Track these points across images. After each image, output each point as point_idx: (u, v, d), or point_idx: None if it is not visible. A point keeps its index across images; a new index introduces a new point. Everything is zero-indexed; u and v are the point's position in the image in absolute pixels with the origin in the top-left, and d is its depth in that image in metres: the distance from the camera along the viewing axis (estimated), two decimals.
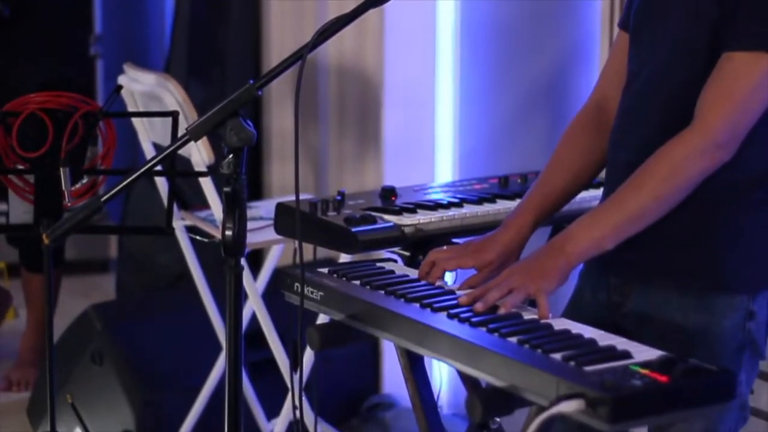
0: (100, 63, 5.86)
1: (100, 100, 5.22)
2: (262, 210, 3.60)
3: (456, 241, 2.52)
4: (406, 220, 2.53)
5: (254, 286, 3.49)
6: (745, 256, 2.22)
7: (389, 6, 2.35)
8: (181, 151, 2.81)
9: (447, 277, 2.35)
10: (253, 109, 4.71)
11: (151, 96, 3.47)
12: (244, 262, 2.20)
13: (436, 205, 2.63)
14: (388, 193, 2.70)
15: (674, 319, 2.23)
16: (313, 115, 4.50)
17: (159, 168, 2.25)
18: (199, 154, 3.27)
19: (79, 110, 2.78)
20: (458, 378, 2.33)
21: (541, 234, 2.53)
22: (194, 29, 4.97)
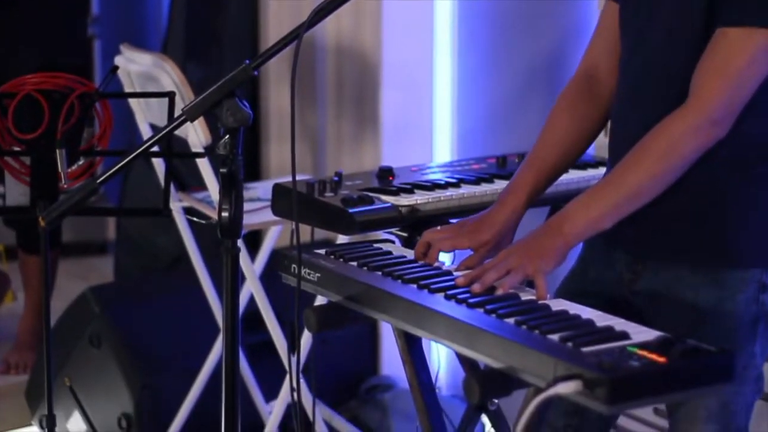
0: (97, 44, 5.85)
1: (97, 81, 5.19)
2: (259, 191, 3.59)
3: (451, 221, 2.51)
4: (404, 200, 2.52)
5: (252, 268, 3.48)
6: (756, 229, 2.22)
7: None
8: (178, 132, 2.81)
9: (445, 258, 2.34)
10: (252, 90, 4.70)
11: (147, 77, 3.45)
12: (241, 243, 2.19)
13: (434, 186, 2.62)
14: (386, 173, 2.69)
15: (687, 297, 2.22)
16: (310, 96, 4.48)
17: (156, 149, 2.24)
18: (196, 135, 3.26)
19: (75, 91, 2.77)
20: (457, 359, 2.32)
21: (538, 214, 2.53)
22: (192, 9, 4.95)
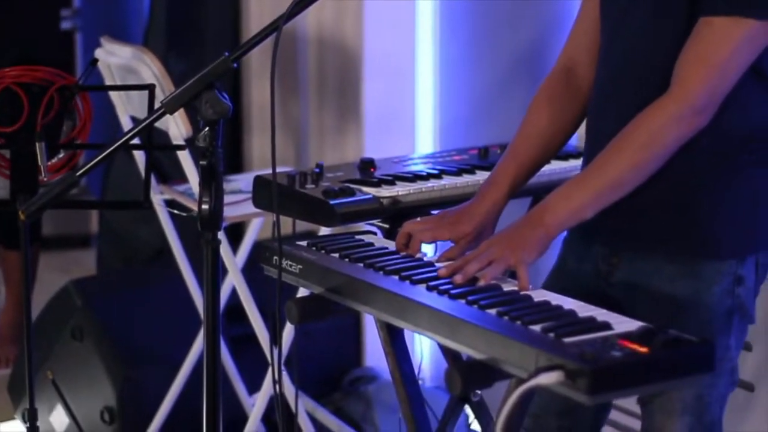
0: (79, 37, 5.82)
1: (78, 75, 5.18)
2: (241, 183, 3.58)
3: (433, 212, 2.50)
4: (385, 192, 2.52)
5: (234, 260, 3.47)
6: (732, 220, 2.21)
7: None
8: (158, 125, 2.80)
9: (426, 249, 2.34)
10: (234, 82, 4.69)
11: (128, 69, 3.44)
12: (222, 235, 2.19)
13: (415, 177, 2.61)
14: (367, 165, 2.69)
15: (663, 288, 2.22)
16: (292, 88, 4.47)
17: (136, 141, 2.23)
18: (177, 128, 3.25)
19: (55, 84, 2.75)
20: (440, 351, 2.32)
21: (519, 205, 2.52)
22: (173, 2, 4.93)
